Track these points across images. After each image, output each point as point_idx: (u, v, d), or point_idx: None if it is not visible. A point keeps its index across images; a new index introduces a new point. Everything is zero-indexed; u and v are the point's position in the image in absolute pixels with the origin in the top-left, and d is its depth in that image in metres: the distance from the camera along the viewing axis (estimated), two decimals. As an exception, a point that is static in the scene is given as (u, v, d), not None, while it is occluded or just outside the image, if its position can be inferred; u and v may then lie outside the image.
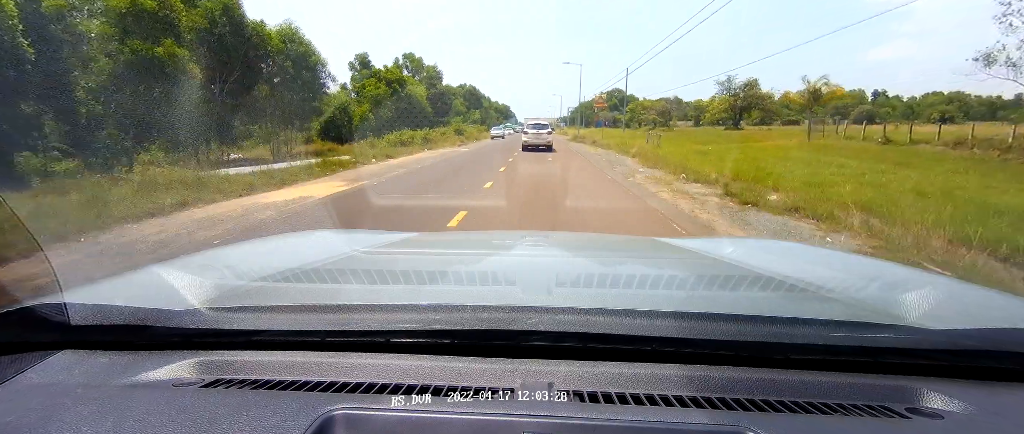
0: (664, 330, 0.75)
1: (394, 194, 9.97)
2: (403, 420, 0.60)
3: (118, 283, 1.07)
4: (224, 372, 0.74)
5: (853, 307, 0.96)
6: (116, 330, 0.78)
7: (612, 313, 0.80)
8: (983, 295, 1.06)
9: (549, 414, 0.60)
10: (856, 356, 0.74)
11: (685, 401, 0.65)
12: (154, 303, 0.82)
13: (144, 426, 0.58)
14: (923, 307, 0.87)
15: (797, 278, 1.16)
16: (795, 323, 0.78)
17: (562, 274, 1.31)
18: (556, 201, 8.55)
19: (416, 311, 0.85)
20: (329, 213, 7.68)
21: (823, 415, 0.63)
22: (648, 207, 8.27)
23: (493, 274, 1.32)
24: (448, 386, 0.67)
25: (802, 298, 1.05)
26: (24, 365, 0.73)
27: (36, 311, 0.77)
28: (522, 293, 1.11)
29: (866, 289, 1.11)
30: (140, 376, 0.72)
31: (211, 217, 7.27)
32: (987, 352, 0.72)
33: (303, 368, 0.74)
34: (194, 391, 0.68)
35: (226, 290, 0.98)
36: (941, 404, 0.66)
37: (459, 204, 7.93)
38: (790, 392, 0.68)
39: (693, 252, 1.65)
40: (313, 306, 0.88)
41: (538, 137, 24.32)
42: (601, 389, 0.67)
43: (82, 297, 0.81)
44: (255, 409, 0.61)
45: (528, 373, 0.71)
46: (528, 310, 0.82)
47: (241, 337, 0.81)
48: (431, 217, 7.21)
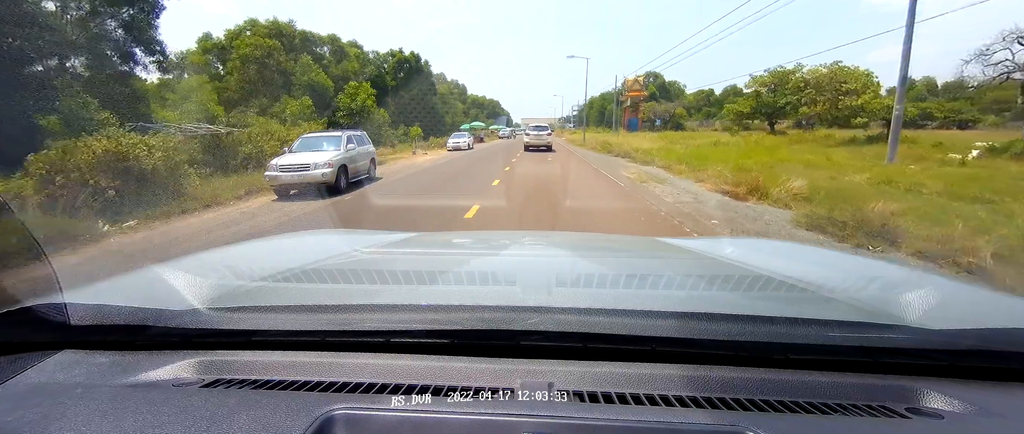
0: (664, 330, 0.75)
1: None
2: (403, 420, 0.60)
3: (118, 283, 1.06)
4: (224, 372, 0.74)
5: (853, 307, 0.95)
6: (116, 330, 0.78)
7: (612, 313, 0.80)
8: (983, 295, 1.08)
9: (549, 414, 0.60)
10: (856, 356, 0.74)
11: (685, 401, 0.65)
12: (154, 303, 0.82)
13: (144, 426, 0.58)
14: (923, 307, 0.87)
15: (797, 278, 1.16)
16: (795, 323, 0.78)
17: (562, 274, 1.31)
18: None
19: (416, 311, 0.85)
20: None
21: (823, 415, 0.63)
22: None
23: (493, 274, 1.31)
24: (448, 386, 0.67)
25: (802, 298, 1.05)
26: (24, 365, 0.73)
27: (36, 311, 0.77)
28: (522, 293, 1.10)
29: (866, 289, 1.11)
30: (140, 376, 0.72)
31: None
32: (987, 352, 0.72)
33: (303, 368, 0.75)
34: (194, 391, 0.67)
35: (226, 290, 0.98)
36: (941, 404, 0.66)
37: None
38: (790, 392, 0.68)
39: (693, 252, 1.63)
40: (313, 306, 0.88)
41: (539, 138, 25.91)
42: (601, 389, 0.67)
43: (82, 297, 0.82)
44: (255, 409, 0.61)
45: (528, 373, 0.71)
46: (528, 310, 0.81)
47: (241, 337, 0.81)
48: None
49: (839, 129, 30.32)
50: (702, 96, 68.60)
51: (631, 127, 52.43)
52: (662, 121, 56.65)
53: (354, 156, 11.59)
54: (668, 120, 57.09)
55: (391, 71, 42.25)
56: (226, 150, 13.80)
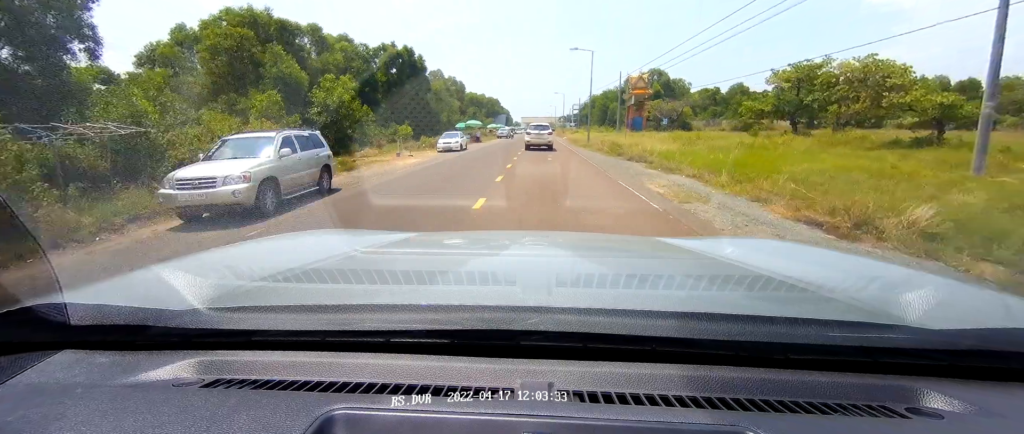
0: (664, 330, 0.75)
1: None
2: (403, 420, 0.59)
3: (118, 283, 1.06)
4: (224, 372, 0.74)
5: (853, 307, 0.95)
6: (116, 330, 0.78)
7: (612, 313, 0.80)
8: (983, 295, 1.07)
9: (549, 414, 0.60)
10: (856, 356, 0.73)
11: (685, 401, 0.65)
12: (154, 303, 0.82)
13: (144, 426, 0.58)
14: (923, 307, 0.86)
15: (797, 278, 1.15)
16: (795, 323, 0.78)
17: (562, 274, 1.30)
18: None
19: (416, 311, 0.85)
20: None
21: (823, 415, 0.63)
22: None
23: (493, 274, 1.30)
24: (448, 386, 0.67)
25: (802, 298, 1.04)
26: (24, 365, 0.73)
27: (36, 311, 0.77)
28: (522, 293, 1.09)
29: (866, 289, 1.10)
30: (140, 376, 0.72)
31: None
32: (987, 352, 0.72)
33: (303, 368, 0.74)
34: (194, 391, 0.67)
35: (226, 290, 0.98)
36: (941, 404, 0.65)
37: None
38: (790, 392, 0.68)
39: (693, 252, 1.62)
40: (313, 306, 0.87)
41: (540, 137, 26.31)
42: (601, 389, 0.67)
43: (82, 297, 0.82)
44: (255, 409, 0.61)
45: (528, 373, 0.71)
46: (528, 310, 0.81)
47: (241, 337, 0.81)
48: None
49: (873, 130, 27.13)
50: (707, 95, 66.02)
51: (635, 126, 49.56)
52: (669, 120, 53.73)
53: (291, 164, 8.80)
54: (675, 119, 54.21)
55: (382, 66, 39.35)
56: (151, 156, 10.96)
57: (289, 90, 24.20)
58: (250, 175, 7.46)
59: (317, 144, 10.22)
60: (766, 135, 30.13)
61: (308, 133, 10.16)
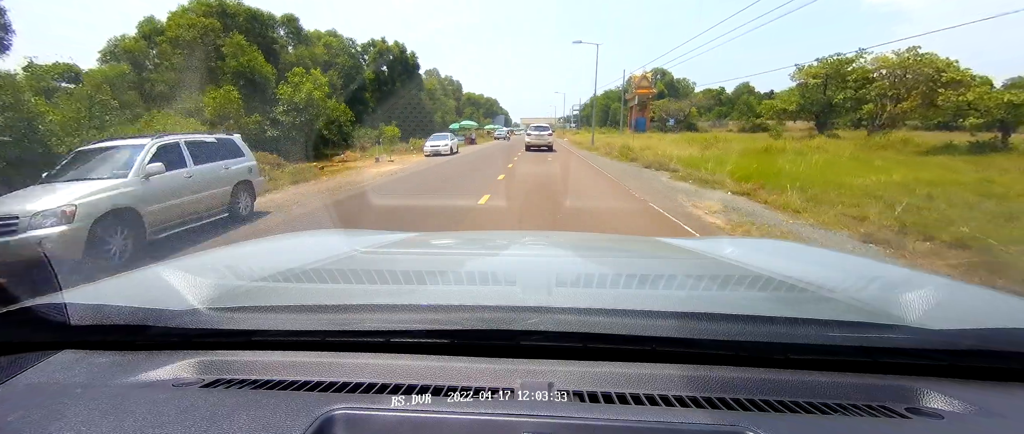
0: (664, 330, 0.75)
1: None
2: (403, 420, 0.59)
3: (118, 283, 1.05)
4: (224, 372, 0.73)
5: (853, 307, 0.95)
6: (116, 330, 0.78)
7: (612, 313, 0.79)
8: (983, 295, 1.06)
9: (549, 414, 0.60)
10: (856, 356, 0.73)
11: (685, 401, 0.65)
12: (154, 303, 0.82)
13: (144, 426, 0.58)
14: (923, 307, 0.86)
15: (797, 278, 1.15)
16: (795, 323, 0.77)
17: (562, 274, 1.29)
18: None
19: (416, 311, 0.85)
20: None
21: (823, 415, 0.63)
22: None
23: (493, 274, 1.30)
24: (448, 386, 0.67)
25: (802, 298, 1.04)
26: (24, 365, 0.73)
27: (36, 311, 0.77)
28: (522, 293, 1.09)
29: (866, 289, 1.09)
30: (140, 376, 0.72)
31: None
32: (987, 352, 0.72)
33: (303, 368, 0.74)
34: (194, 391, 0.67)
35: (226, 290, 0.98)
36: (941, 404, 0.65)
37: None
38: (790, 392, 0.68)
39: (693, 252, 1.61)
40: (313, 306, 0.87)
41: (540, 138, 27.14)
42: (601, 389, 0.67)
43: (82, 297, 0.82)
44: (255, 409, 0.61)
45: (528, 373, 0.71)
46: (528, 310, 0.81)
47: (241, 337, 0.80)
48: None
49: (916, 132, 23.96)
50: (711, 95, 63.48)
51: (639, 127, 46.91)
52: (675, 121, 50.89)
53: (172, 186, 6.02)
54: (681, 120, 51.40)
55: (371, 63, 36.48)
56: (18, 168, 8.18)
57: (253, 87, 21.40)
58: (74, 210, 4.66)
59: (230, 153, 7.41)
60: (788, 137, 27.29)
61: (214, 139, 7.39)
